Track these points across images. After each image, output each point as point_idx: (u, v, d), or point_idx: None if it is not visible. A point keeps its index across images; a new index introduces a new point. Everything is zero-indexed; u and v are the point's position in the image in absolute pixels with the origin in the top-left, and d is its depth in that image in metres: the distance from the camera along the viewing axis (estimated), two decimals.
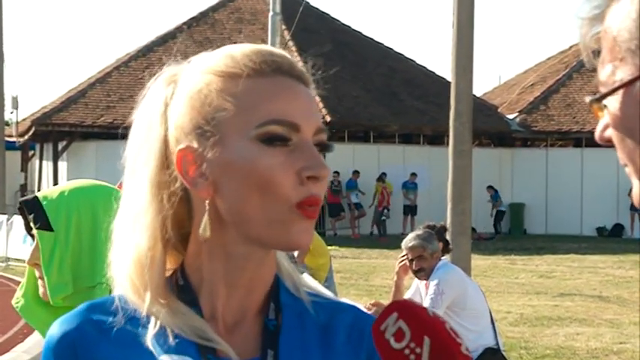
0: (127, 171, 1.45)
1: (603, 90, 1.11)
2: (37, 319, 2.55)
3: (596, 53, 1.14)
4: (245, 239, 1.37)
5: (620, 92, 1.09)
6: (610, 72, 1.10)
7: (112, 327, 1.40)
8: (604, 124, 1.13)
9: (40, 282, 2.49)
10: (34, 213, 2.45)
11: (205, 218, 1.37)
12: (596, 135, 1.14)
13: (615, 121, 1.10)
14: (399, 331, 1.22)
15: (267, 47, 1.42)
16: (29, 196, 2.51)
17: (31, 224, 2.46)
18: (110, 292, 1.51)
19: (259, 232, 1.35)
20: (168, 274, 1.45)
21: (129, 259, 1.41)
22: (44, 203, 2.45)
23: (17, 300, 2.58)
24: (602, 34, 1.12)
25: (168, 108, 1.41)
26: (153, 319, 1.40)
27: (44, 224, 2.44)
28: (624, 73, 1.09)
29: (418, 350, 1.20)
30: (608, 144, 1.13)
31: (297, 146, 1.35)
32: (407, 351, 1.21)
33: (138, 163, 1.42)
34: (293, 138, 1.35)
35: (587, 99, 1.13)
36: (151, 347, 1.38)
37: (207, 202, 1.37)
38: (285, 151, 1.34)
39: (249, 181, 1.34)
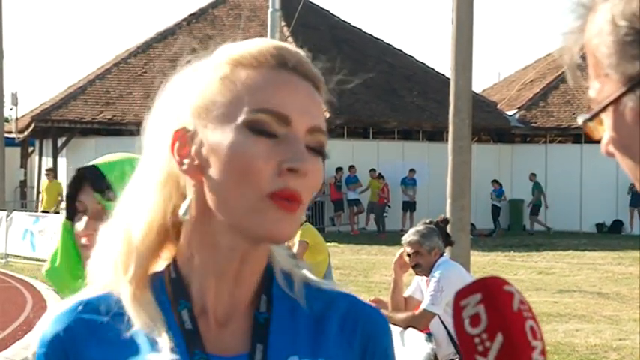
0: (144, 156, 1.46)
1: (595, 107, 1.07)
2: (62, 284, 2.50)
3: (582, 68, 1.10)
4: (230, 228, 1.37)
5: (610, 109, 1.05)
6: (598, 89, 1.06)
7: (102, 325, 1.40)
8: (607, 139, 1.08)
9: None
10: (100, 184, 2.38)
11: (188, 200, 1.38)
12: (602, 149, 1.10)
13: (612, 139, 1.06)
14: (476, 316, 1.18)
15: (283, 44, 1.43)
16: (88, 166, 2.43)
17: (96, 196, 2.39)
18: None
19: (238, 220, 1.35)
20: (163, 266, 1.46)
21: (119, 237, 1.42)
22: (109, 176, 2.39)
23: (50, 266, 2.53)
24: (586, 49, 1.07)
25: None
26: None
27: (112, 196, 2.33)
28: (610, 90, 1.04)
29: (488, 344, 1.16)
30: (614, 157, 1.09)
31: (284, 139, 1.35)
32: (477, 340, 1.17)
33: (153, 147, 1.43)
34: (281, 130, 1.35)
35: (580, 120, 1.08)
36: (139, 344, 1.38)
37: (192, 184, 1.38)
38: (271, 142, 1.34)
39: (231, 167, 1.34)
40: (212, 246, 1.39)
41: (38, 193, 24.24)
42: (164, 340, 1.38)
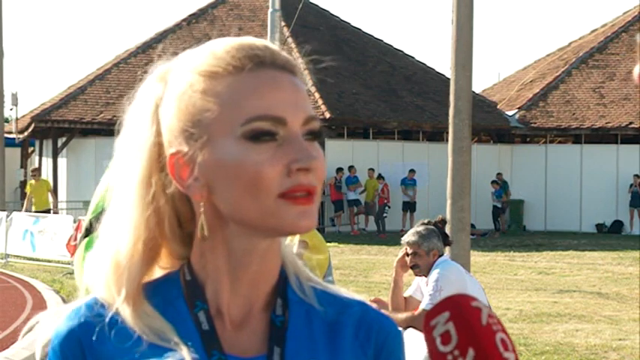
0: (116, 170, 1.44)
1: None
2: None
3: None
4: (246, 232, 1.37)
5: None
6: None
7: (119, 323, 1.40)
8: None
9: None
10: None
11: (201, 219, 1.38)
12: (636, 73, 1.08)
13: None
14: (447, 334, 1.20)
15: (249, 40, 1.40)
16: None
17: None
18: None
19: (257, 225, 1.35)
20: (174, 269, 1.46)
21: (107, 258, 1.41)
22: None
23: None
24: None
25: (159, 108, 1.41)
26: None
27: None
28: None
29: None
30: None
31: (285, 140, 1.34)
32: (450, 357, 1.19)
33: (128, 162, 1.42)
34: (280, 132, 1.34)
35: (639, 37, 1.06)
36: (157, 343, 1.38)
37: (201, 203, 1.37)
38: (273, 146, 1.34)
39: (240, 180, 1.33)
40: (227, 252, 1.40)
41: (29, 193, 23.48)
42: (181, 341, 1.38)
